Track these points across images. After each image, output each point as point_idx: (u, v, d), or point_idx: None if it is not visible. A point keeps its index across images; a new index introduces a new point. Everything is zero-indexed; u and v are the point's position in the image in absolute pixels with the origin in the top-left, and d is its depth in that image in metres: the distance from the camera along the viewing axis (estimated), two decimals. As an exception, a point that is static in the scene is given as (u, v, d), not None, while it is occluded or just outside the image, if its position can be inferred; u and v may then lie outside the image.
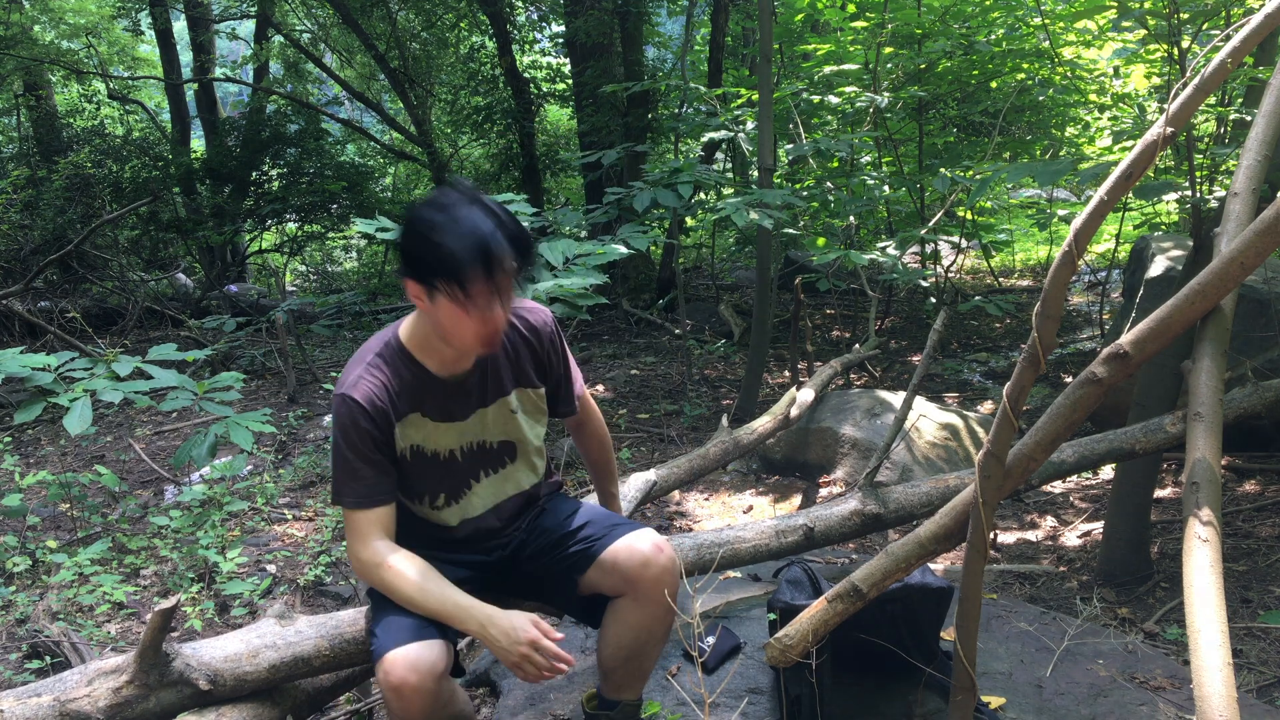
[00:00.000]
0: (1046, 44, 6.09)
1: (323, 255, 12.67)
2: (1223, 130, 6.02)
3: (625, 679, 2.06)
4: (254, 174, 10.55)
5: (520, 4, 11.01)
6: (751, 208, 4.85)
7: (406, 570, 1.88)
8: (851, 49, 7.08)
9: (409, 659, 1.78)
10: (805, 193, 6.29)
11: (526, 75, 10.66)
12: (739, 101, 7.18)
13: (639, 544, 1.97)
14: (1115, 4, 4.22)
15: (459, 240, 1.72)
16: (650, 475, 3.28)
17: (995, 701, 2.18)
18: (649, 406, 5.91)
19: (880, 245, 5.61)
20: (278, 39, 13.33)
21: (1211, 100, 4.84)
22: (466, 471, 2.04)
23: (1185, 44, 3.77)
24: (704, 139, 8.55)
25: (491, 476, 2.07)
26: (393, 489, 1.95)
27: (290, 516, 4.28)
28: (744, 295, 9.29)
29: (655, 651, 2.03)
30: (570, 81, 10.28)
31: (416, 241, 1.75)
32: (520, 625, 1.81)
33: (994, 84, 7.06)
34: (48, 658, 2.91)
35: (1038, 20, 5.81)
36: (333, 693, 2.30)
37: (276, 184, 10.58)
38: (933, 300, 7.15)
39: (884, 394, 4.84)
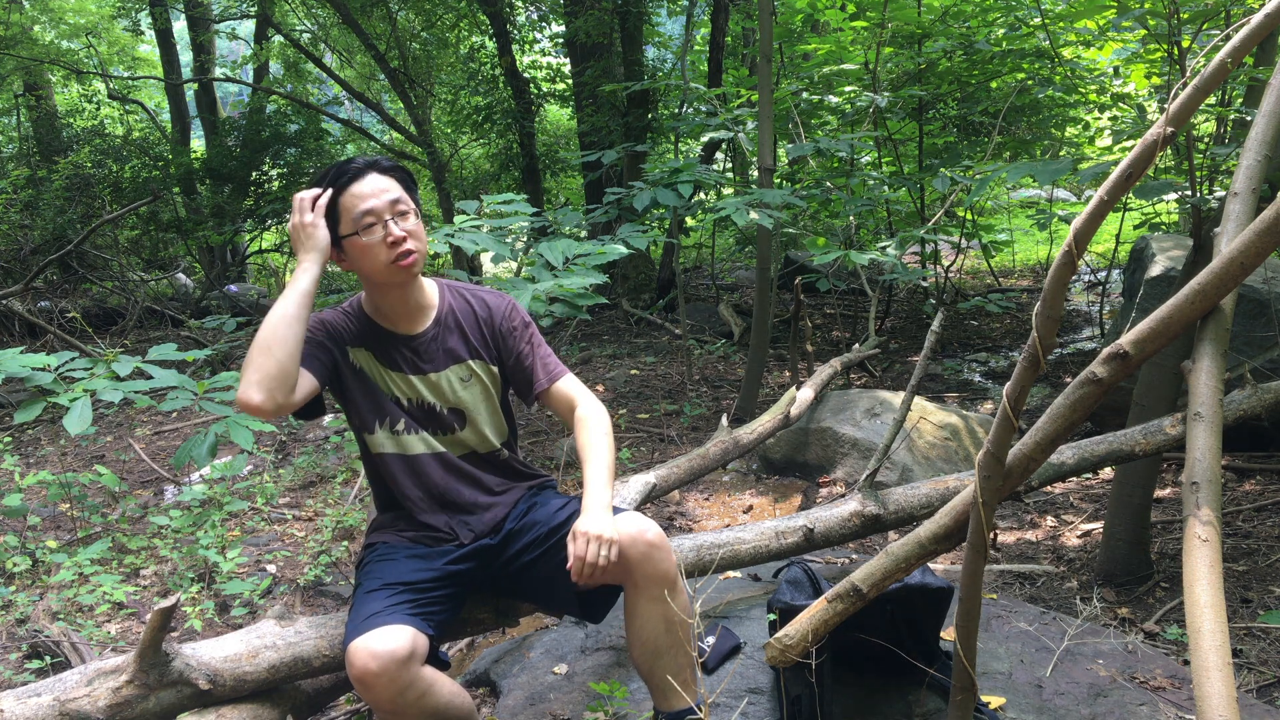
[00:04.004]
0: (1046, 44, 6.09)
1: (323, 255, 12.65)
2: (1223, 130, 6.01)
3: (668, 683, 2.04)
4: (254, 174, 10.55)
5: (520, 4, 11.01)
6: (751, 207, 4.85)
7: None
8: (851, 49, 7.08)
9: (369, 647, 1.79)
10: (805, 193, 6.29)
11: (526, 75, 10.66)
12: (739, 101, 7.18)
13: (623, 528, 1.98)
14: (1115, 4, 4.22)
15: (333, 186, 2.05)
16: (649, 477, 3.28)
17: (995, 701, 2.18)
18: (649, 406, 5.90)
19: (880, 245, 5.61)
20: (278, 39, 13.32)
21: (1211, 100, 4.84)
22: (413, 423, 2.13)
23: (1185, 44, 3.77)
24: (704, 139, 8.56)
25: (440, 438, 2.16)
26: (313, 368, 2.05)
27: (290, 516, 4.28)
28: (744, 295, 9.29)
29: (681, 640, 2.01)
30: (570, 81, 10.28)
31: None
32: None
33: (994, 84, 7.06)
34: (48, 658, 2.91)
35: (1037, 20, 5.81)
36: (333, 693, 2.30)
37: (276, 184, 10.58)
38: (932, 301, 7.15)
39: (884, 394, 4.84)
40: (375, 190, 2.01)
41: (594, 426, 2.14)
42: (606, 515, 1.97)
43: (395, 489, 2.16)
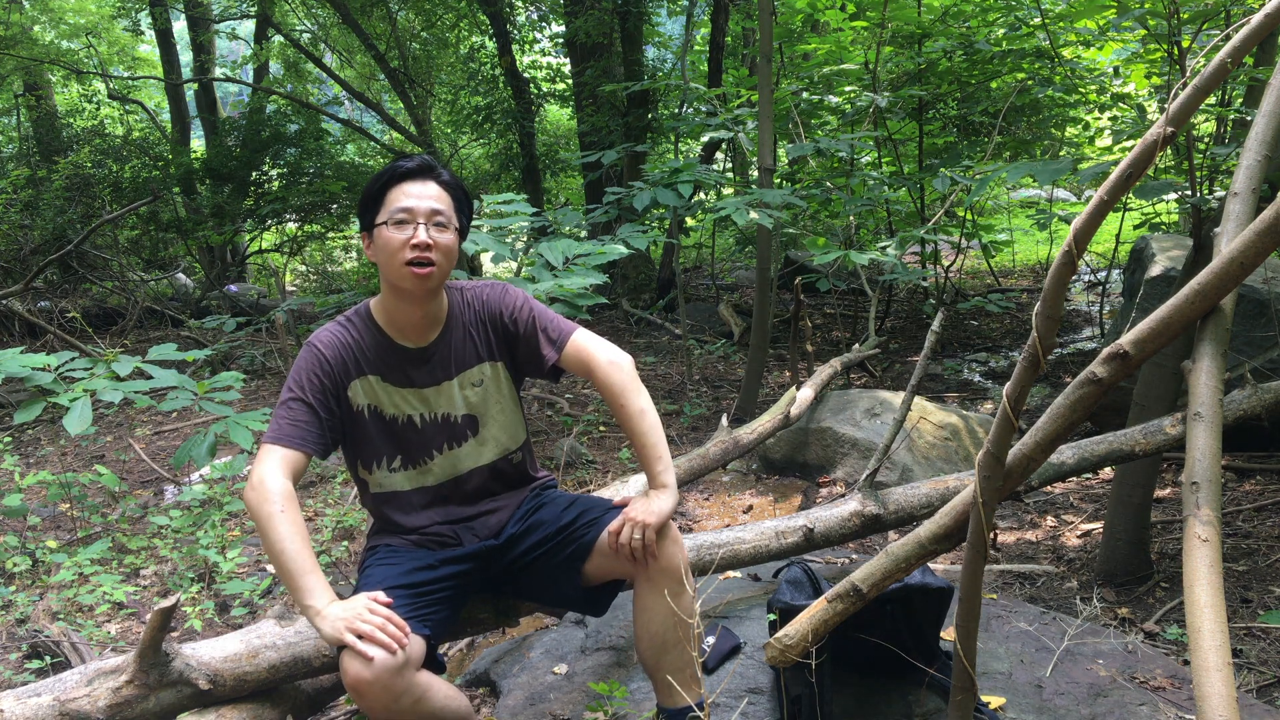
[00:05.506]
0: (1046, 44, 6.09)
1: (323, 255, 12.68)
2: (1223, 130, 6.02)
3: (674, 676, 2.04)
4: (254, 174, 10.54)
5: (520, 4, 11.02)
6: (751, 207, 4.85)
7: (293, 522, 1.89)
8: (851, 49, 7.08)
9: (363, 655, 1.78)
10: (805, 193, 6.29)
11: (526, 75, 10.66)
12: (739, 101, 7.18)
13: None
14: (1115, 4, 4.22)
15: (377, 176, 2.05)
16: (650, 476, 3.28)
17: (995, 701, 2.18)
18: (649, 406, 5.89)
19: (880, 245, 5.61)
20: (278, 39, 13.33)
21: (1211, 100, 4.84)
22: (428, 441, 2.11)
23: (1185, 44, 3.78)
24: (704, 139, 8.56)
25: (454, 450, 2.12)
26: (317, 443, 2.02)
27: (290, 516, 4.27)
28: (744, 295, 9.29)
29: (688, 635, 2.01)
30: (570, 81, 10.29)
31: (360, 199, 2.06)
32: (354, 604, 1.83)
33: (994, 84, 7.07)
34: (48, 658, 2.91)
35: (1037, 20, 5.82)
36: (333, 693, 2.30)
37: (276, 184, 10.57)
38: (932, 301, 7.15)
39: (884, 394, 4.84)
40: (423, 193, 1.99)
41: (618, 396, 2.06)
42: (654, 500, 2.01)
43: (395, 526, 2.14)
